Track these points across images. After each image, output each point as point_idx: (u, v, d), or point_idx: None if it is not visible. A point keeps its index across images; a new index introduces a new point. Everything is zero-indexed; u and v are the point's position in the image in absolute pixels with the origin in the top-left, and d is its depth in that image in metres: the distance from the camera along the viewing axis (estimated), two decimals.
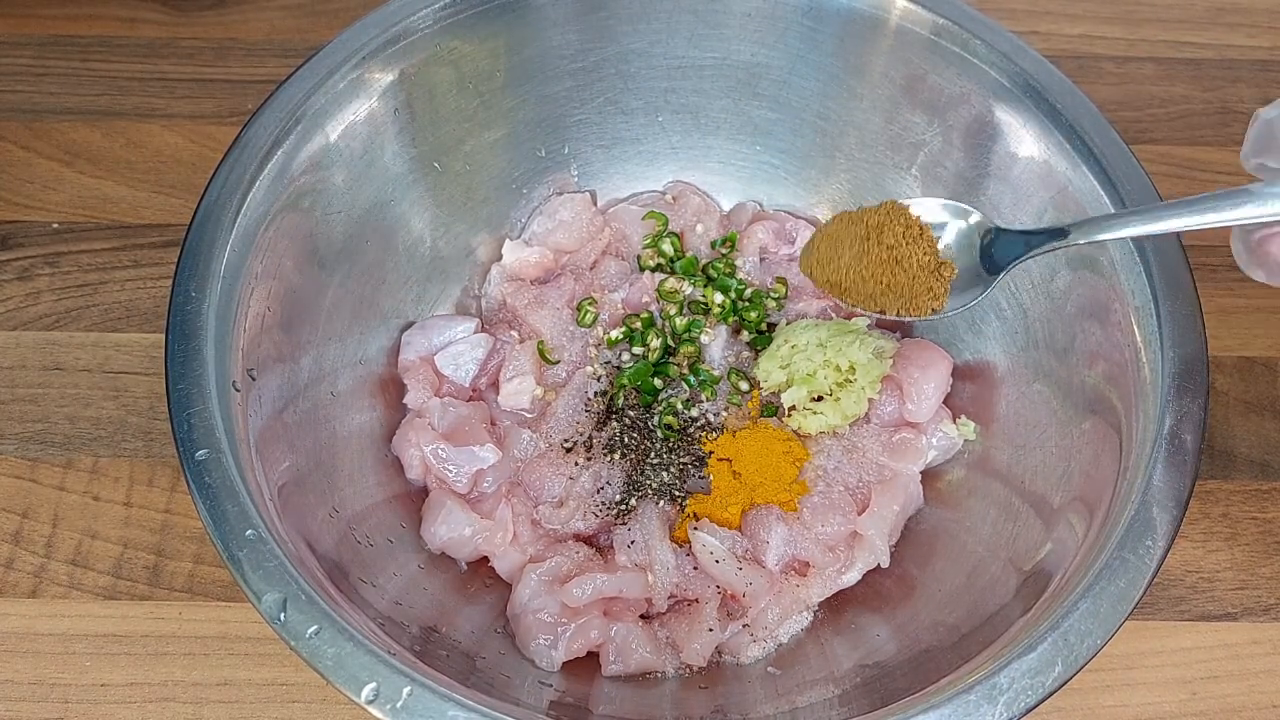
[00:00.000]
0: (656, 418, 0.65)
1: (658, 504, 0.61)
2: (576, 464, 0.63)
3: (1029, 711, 0.45)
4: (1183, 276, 0.55)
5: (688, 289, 0.69)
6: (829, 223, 0.60)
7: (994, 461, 0.62)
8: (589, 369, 0.66)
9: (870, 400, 0.64)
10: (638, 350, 0.67)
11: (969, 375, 0.66)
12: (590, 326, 0.67)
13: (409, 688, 0.44)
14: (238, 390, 0.52)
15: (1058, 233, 0.54)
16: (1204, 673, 0.61)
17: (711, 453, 0.64)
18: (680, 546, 0.60)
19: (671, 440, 0.64)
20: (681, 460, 0.64)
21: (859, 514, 0.61)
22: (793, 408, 0.64)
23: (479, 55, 0.64)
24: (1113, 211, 0.57)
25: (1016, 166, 0.62)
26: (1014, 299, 0.63)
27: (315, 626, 0.45)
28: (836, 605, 0.61)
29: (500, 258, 0.70)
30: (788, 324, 0.67)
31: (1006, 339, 0.64)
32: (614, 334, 0.67)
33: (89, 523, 0.64)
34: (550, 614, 0.57)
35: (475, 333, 0.66)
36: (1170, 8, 0.87)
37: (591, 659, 0.58)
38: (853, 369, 0.63)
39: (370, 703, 0.44)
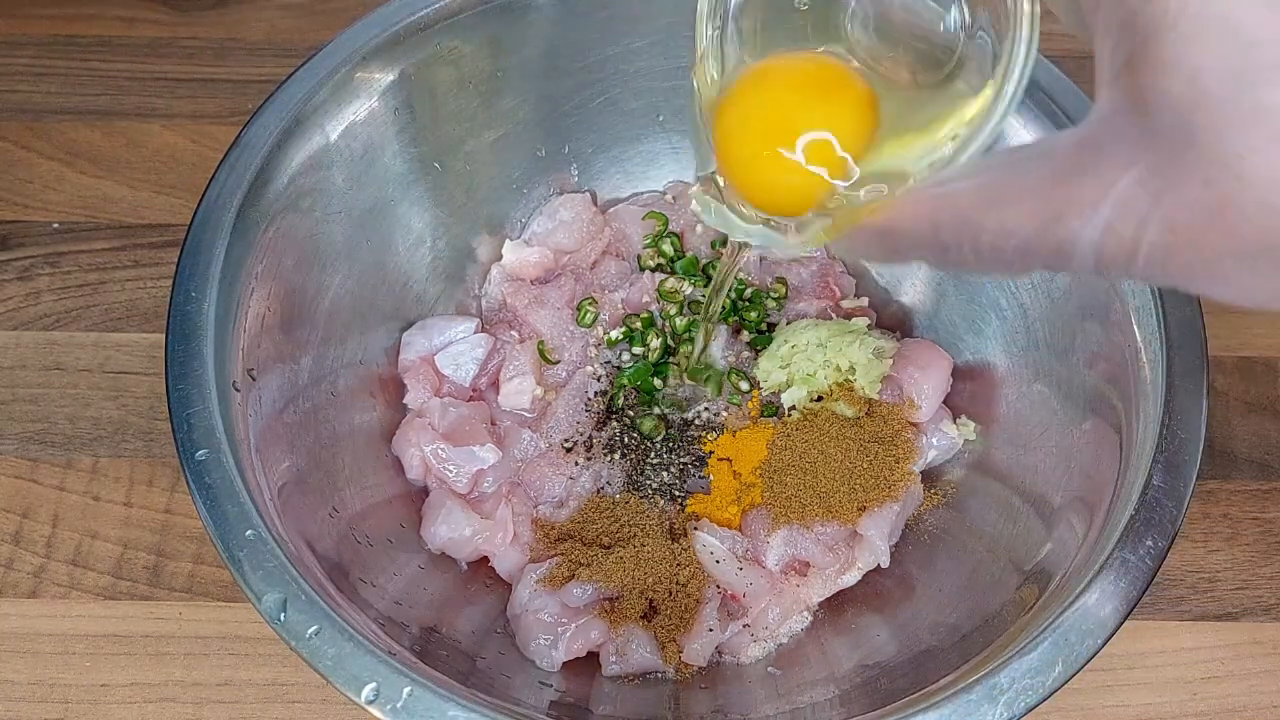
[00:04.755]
0: None
1: (658, 504, 0.62)
2: (576, 464, 0.63)
3: (1029, 711, 0.45)
4: None
5: (688, 289, 0.69)
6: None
7: (994, 461, 0.62)
8: (589, 369, 0.66)
9: (870, 400, 0.64)
10: (638, 350, 0.67)
11: (969, 375, 0.66)
12: (590, 326, 0.67)
13: (409, 688, 0.44)
14: (238, 390, 0.52)
15: None
16: (1204, 673, 0.61)
17: (712, 453, 0.64)
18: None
19: (671, 440, 0.64)
20: (681, 460, 0.64)
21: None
22: (793, 408, 0.64)
23: (479, 55, 0.64)
24: None
25: None
26: (1014, 299, 0.63)
27: (315, 627, 0.45)
28: (837, 605, 0.61)
29: (500, 258, 0.70)
30: (788, 324, 0.67)
31: (1006, 339, 0.63)
32: (614, 334, 0.67)
33: (89, 523, 0.64)
34: (550, 614, 0.57)
35: (475, 333, 0.66)
36: None
37: (591, 659, 0.58)
38: (853, 369, 0.63)
39: (370, 703, 0.44)
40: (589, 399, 0.65)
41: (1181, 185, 0.28)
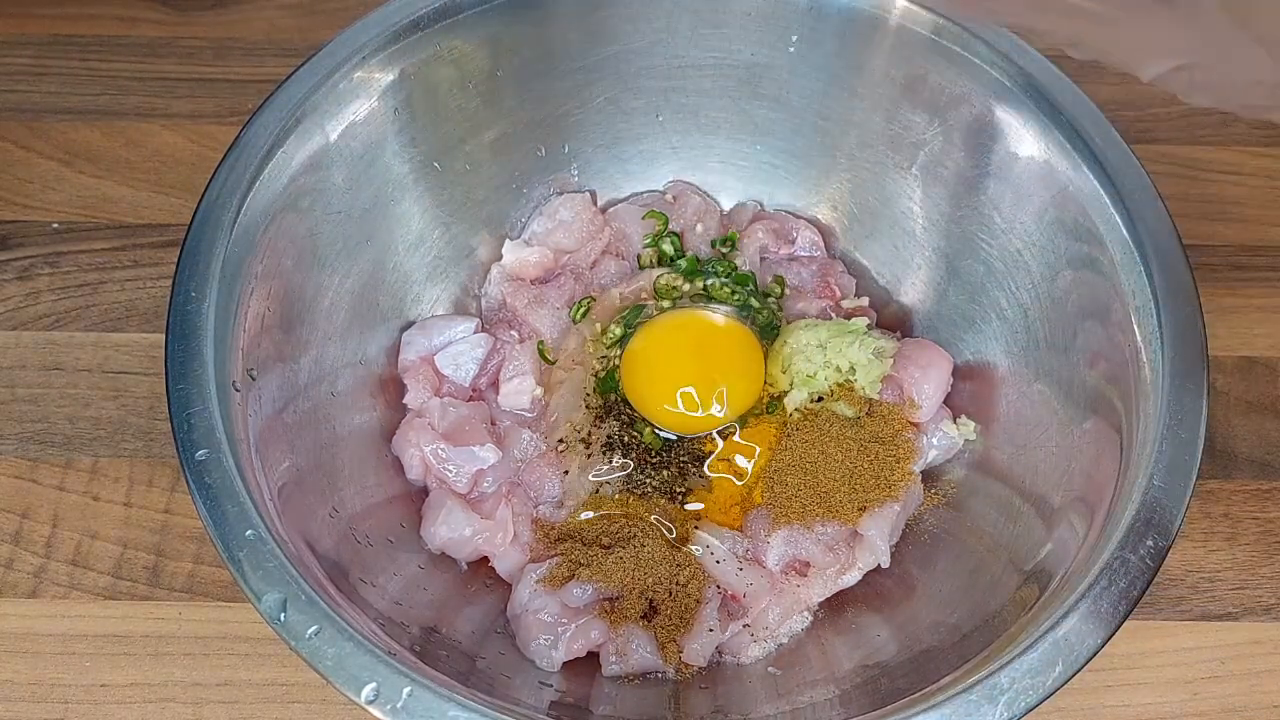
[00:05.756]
0: None
1: (658, 504, 0.62)
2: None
3: (1029, 711, 0.45)
4: (1183, 276, 0.55)
5: (685, 285, 0.69)
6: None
7: (994, 461, 0.62)
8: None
9: (871, 400, 0.64)
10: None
11: (969, 375, 0.66)
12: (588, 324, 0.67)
13: (409, 688, 0.44)
14: (238, 390, 0.52)
15: None
16: (1205, 673, 0.61)
17: (712, 453, 0.64)
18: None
19: (671, 440, 0.64)
20: (681, 460, 0.64)
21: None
22: (795, 410, 0.64)
23: (479, 55, 0.64)
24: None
25: (1017, 166, 0.61)
26: (1014, 299, 0.63)
27: (315, 627, 0.45)
28: (837, 605, 0.61)
29: (500, 258, 0.70)
30: (787, 324, 0.67)
31: (1007, 338, 0.63)
32: (614, 330, 0.67)
33: (89, 523, 0.64)
34: (550, 614, 0.57)
35: (475, 333, 0.66)
36: None
37: (591, 659, 0.58)
38: (853, 369, 0.63)
39: (370, 703, 0.44)
40: (588, 398, 0.65)
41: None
